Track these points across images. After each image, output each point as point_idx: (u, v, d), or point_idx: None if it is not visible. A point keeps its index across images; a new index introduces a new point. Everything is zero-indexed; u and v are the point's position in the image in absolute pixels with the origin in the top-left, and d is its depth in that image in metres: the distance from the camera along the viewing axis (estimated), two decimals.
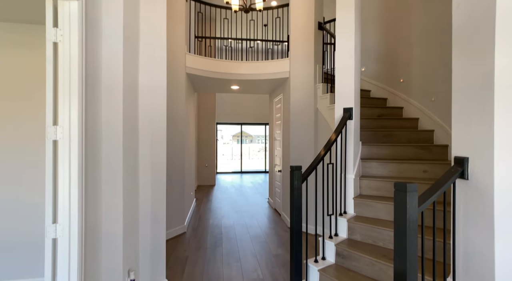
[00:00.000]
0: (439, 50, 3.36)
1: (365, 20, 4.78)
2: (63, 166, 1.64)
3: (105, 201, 1.99)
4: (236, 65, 4.75)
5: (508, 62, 1.38)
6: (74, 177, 1.66)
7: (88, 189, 1.83)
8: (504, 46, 1.38)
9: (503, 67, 1.38)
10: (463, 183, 1.52)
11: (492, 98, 1.38)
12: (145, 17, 2.45)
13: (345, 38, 2.78)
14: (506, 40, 1.39)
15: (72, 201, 1.67)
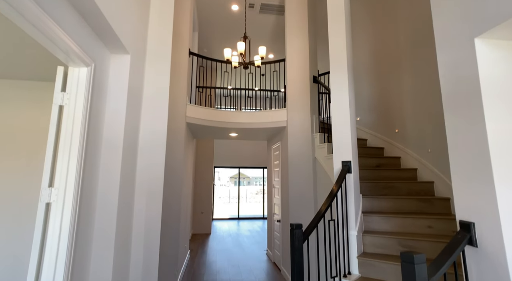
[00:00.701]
0: (431, 103, 3.49)
1: (359, 72, 5.05)
2: (53, 230, 1.57)
3: (94, 258, 1.87)
4: (235, 114, 4.88)
5: (499, 128, 1.43)
6: (63, 244, 1.58)
7: (77, 253, 1.73)
8: (493, 113, 1.44)
9: (494, 132, 1.42)
10: (473, 251, 1.46)
11: (489, 163, 1.39)
12: (149, 76, 2.57)
13: (340, 96, 2.90)
14: (494, 107, 1.45)
15: (58, 268, 1.57)
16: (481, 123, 1.44)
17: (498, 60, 1.51)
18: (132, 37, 2.16)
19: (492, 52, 1.50)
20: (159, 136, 2.54)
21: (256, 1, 5.79)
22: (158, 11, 2.66)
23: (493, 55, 1.50)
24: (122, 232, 2.09)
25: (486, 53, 1.50)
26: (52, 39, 1.40)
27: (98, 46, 1.87)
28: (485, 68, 1.49)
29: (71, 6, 1.52)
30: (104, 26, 1.73)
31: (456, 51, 1.63)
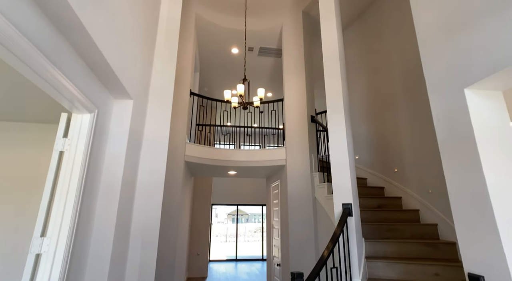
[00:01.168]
0: (428, 143, 3.53)
1: (355, 111, 5.18)
2: None
3: None
4: (234, 152, 4.89)
5: (498, 177, 1.43)
6: None
7: None
8: (491, 162, 1.45)
9: (494, 181, 1.42)
10: None
11: (492, 214, 1.37)
12: (150, 119, 2.62)
13: (338, 137, 2.94)
14: (491, 156, 1.46)
15: None
16: (479, 172, 1.45)
17: (489, 109, 1.56)
18: (136, 84, 2.24)
19: (483, 102, 1.56)
20: (157, 178, 2.52)
21: (255, 44, 6.12)
22: (162, 57, 2.79)
23: (484, 105, 1.55)
24: (114, 277, 1.98)
25: (477, 102, 1.55)
26: (57, 87, 1.45)
27: (102, 92, 1.93)
28: (477, 117, 1.53)
29: (78, 56, 1.60)
30: (110, 75, 1.80)
31: (447, 100, 1.68)
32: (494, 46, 1.38)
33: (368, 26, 5.07)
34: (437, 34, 1.79)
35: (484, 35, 1.45)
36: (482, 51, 1.45)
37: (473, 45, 1.50)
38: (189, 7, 4.96)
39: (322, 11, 3.47)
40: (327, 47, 3.30)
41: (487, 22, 1.44)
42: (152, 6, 2.64)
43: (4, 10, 1.04)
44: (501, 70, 1.35)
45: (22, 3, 1.14)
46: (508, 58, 1.31)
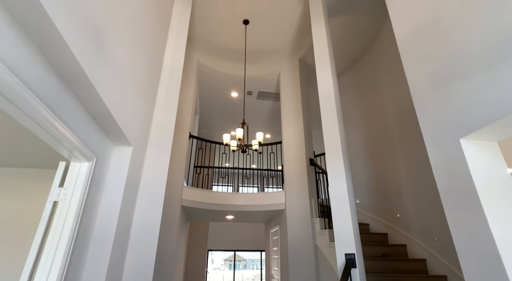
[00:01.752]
0: (430, 187, 3.48)
1: (354, 155, 5.20)
2: None
3: None
4: (232, 196, 4.80)
5: (504, 230, 1.39)
6: None
7: None
8: (495, 213, 1.42)
9: (500, 234, 1.37)
10: None
11: (504, 270, 1.31)
12: (148, 165, 2.60)
13: (337, 183, 2.92)
14: (495, 207, 1.43)
15: None
16: (484, 225, 1.41)
17: (488, 160, 1.57)
18: (136, 131, 2.28)
19: (480, 152, 1.57)
20: (152, 227, 2.43)
21: (254, 89, 6.36)
22: (164, 104, 2.87)
23: (482, 155, 1.56)
24: None
25: (474, 152, 1.57)
26: (57, 137, 1.45)
27: (103, 140, 1.95)
28: (477, 168, 1.53)
29: (83, 108, 1.64)
30: (112, 124, 1.83)
31: (444, 149, 1.70)
32: (485, 100, 1.44)
33: (363, 72, 5.33)
34: (429, 86, 1.87)
35: (475, 89, 1.51)
36: (474, 104, 1.50)
37: (465, 98, 1.57)
38: (192, 55, 5.24)
39: (317, 60, 3.66)
40: (323, 94, 3.42)
41: (476, 77, 1.52)
42: (156, 57, 2.79)
43: (16, 67, 1.09)
44: (493, 122, 1.38)
45: (35, 61, 1.20)
46: (499, 111, 1.36)
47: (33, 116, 1.22)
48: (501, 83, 1.37)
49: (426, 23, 1.96)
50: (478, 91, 1.49)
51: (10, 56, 1.07)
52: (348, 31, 4.83)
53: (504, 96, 1.34)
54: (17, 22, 1.08)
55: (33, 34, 1.14)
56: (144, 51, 2.38)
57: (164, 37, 3.07)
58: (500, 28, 1.41)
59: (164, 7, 2.99)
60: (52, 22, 1.09)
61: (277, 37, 5.13)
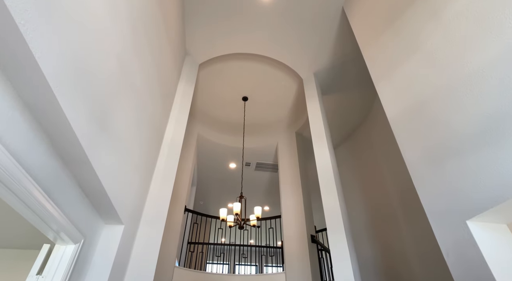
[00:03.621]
0: (443, 269, 3.21)
1: (357, 233, 4.94)
2: None
3: None
4: (227, 278, 4.37)
5: None
6: None
7: None
8: None
9: None
10: None
11: None
12: (139, 244, 2.43)
13: (342, 263, 2.70)
14: None
15: None
16: None
17: (499, 242, 1.48)
18: (130, 208, 2.19)
19: (491, 235, 1.49)
20: None
21: (252, 160, 6.43)
22: (160, 179, 2.83)
23: (494, 238, 1.48)
24: None
25: (484, 235, 1.49)
26: (46, 219, 1.38)
27: (93, 217, 1.86)
28: (489, 251, 1.43)
29: (77, 186, 1.60)
30: (105, 201, 1.78)
31: (452, 232, 1.62)
32: (487, 181, 1.43)
33: (359, 144, 5.48)
34: (426, 164, 1.88)
35: (472, 169, 1.52)
36: (474, 185, 1.49)
37: (464, 179, 1.56)
38: (192, 127, 5.45)
39: (313, 134, 3.79)
40: (321, 167, 3.43)
41: (471, 156, 1.54)
42: (157, 132, 2.88)
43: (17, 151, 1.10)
44: (498, 205, 1.35)
45: (39, 144, 1.22)
46: (502, 194, 1.33)
47: (27, 200, 1.18)
48: (496, 164, 1.39)
49: (414, 104, 2.09)
50: (475, 172, 1.49)
51: (13, 139, 1.08)
52: (342, 106, 5.15)
53: (504, 178, 1.34)
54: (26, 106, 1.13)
55: (40, 117, 1.18)
56: (146, 128, 2.46)
57: (166, 113, 3.23)
58: (488, 110, 1.49)
59: (169, 85, 3.23)
60: (60, 107, 1.15)
61: (274, 111, 5.43)
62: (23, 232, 2.28)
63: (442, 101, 1.80)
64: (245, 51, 4.34)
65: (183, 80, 3.83)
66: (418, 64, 2.10)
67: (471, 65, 1.65)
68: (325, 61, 4.33)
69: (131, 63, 2.01)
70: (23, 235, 2.31)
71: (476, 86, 1.58)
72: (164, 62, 2.95)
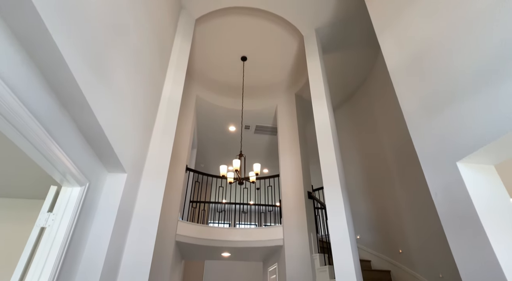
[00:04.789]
0: (431, 221, 3.39)
1: (352, 190, 5.12)
2: None
3: None
4: (228, 231, 4.62)
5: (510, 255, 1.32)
6: None
7: None
8: (499, 237, 1.37)
9: (507, 260, 1.31)
10: None
11: None
12: (142, 194, 2.54)
13: (336, 213, 2.84)
14: (498, 230, 1.39)
15: None
16: (489, 252, 1.35)
17: (487, 183, 1.55)
18: (132, 158, 2.26)
19: (479, 176, 1.56)
20: (143, 261, 2.29)
21: (252, 123, 6.46)
22: (161, 134, 2.88)
23: (481, 179, 1.55)
24: None
25: (472, 176, 1.56)
26: (51, 160, 1.44)
27: (96, 165, 1.92)
28: (476, 192, 1.51)
29: (78, 130, 1.64)
30: (107, 149, 1.83)
31: (442, 174, 1.69)
32: (478, 123, 1.47)
33: (358, 106, 5.48)
34: (423, 113, 1.91)
35: (467, 111, 1.55)
36: (467, 126, 1.53)
37: (458, 121, 1.60)
38: (191, 89, 5.40)
39: (313, 91, 3.78)
40: (319, 124, 3.47)
41: (468, 100, 1.56)
42: (155, 88, 2.87)
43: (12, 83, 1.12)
44: (488, 144, 1.39)
45: (33, 80, 1.23)
46: (492, 133, 1.37)
47: (27, 134, 1.22)
48: (492, 105, 1.41)
49: (414, 52, 2.07)
50: (471, 113, 1.52)
51: (8, 71, 1.09)
52: (342, 66, 5.06)
53: (496, 118, 1.37)
54: (19, 40, 1.12)
55: (34, 53, 1.18)
56: (143, 81, 2.45)
57: (163, 70, 3.19)
58: (487, 53, 1.48)
59: (164, 40, 3.15)
60: (54, 42, 1.14)
61: (274, 72, 5.35)
62: (32, 182, 2.37)
63: (443, 46, 1.78)
64: (243, 4, 4.15)
65: (179, 36, 3.72)
66: (420, 11, 2.04)
67: (473, 8, 1.61)
68: (328, 16, 4.17)
69: (126, 12, 1.95)
70: (32, 185, 2.41)
71: (477, 29, 1.55)
72: (159, 14, 2.85)
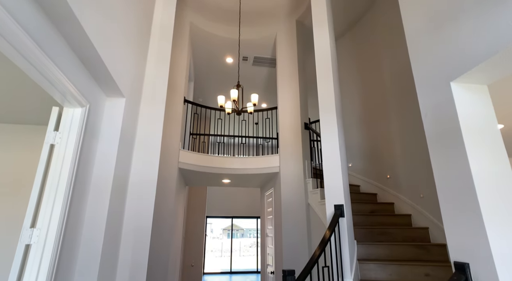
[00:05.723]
0: (420, 148, 3.59)
1: (347, 118, 5.26)
2: (30, 275, 1.46)
3: None
4: (228, 160, 4.90)
5: (483, 167, 1.47)
6: None
7: None
8: (475, 152, 1.49)
9: (478, 171, 1.46)
10: None
11: (477, 202, 1.40)
12: (143, 119, 2.64)
13: (330, 139, 2.99)
14: (476, 146, 1.51)
15: None
16: (464, 162, 1.49)
17: (474, 102, 1.61)
18: (129, 82, 2.28)
19: (468, 95, 1.61)
20: (149, 180, 2.52)
21: (250, 54, 6.24)
22: (155, 59, 2.85)
23: (469, 97, 1.61)
24: (105, 271, 1.95)
25: (462, 95, 1.61)
26: (51, 80, 1.48)
27: (94, 89, 1.96)
28: (463, 110, 1.58)
29: (71, 50, 1.63)
30: (103, 71, 1.84)
31: (435, 93, 1.74)
32: (475, 41, 1.46)
33: (360, 36, 5.24)
34: (424, 30, 1.87)
35: (467, 30, 1.53)
36: (465, 46, 1.52)
37: (457, 40, 1.59)
38: (184, 16, 5.08)
39: (314, 17, 3.59)
40: (319, 50, 3.38)
41: (469, 18, 1.52)
42: (145, 11, 2.72)
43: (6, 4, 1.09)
44: (481, 62, 1.41)
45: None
46: (487, 51, 1.38)
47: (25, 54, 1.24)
48: (490, 23, 1.39)
49: None
50: (469, 31, 1.50)
51: None
52: None
53: (493, 36, 1.36)
54: None
55: None
56: (133, 6, 2.32)
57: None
58: None
59: None
60: None
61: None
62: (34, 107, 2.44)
63: None
64: None
65: None
66: None
67: None
68: None
69: None
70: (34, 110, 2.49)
71: None
72: None
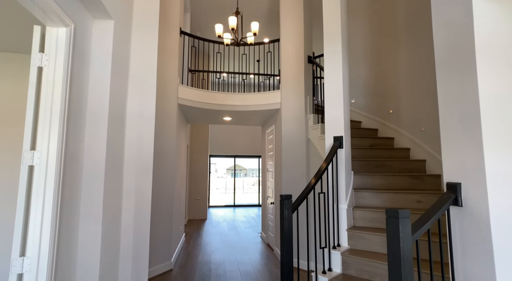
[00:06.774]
0: (426, 82, 3.46)
1: (353, 54, 4.99)
2: (37, 194, 1.54)
3: (82, 231, 1.85)
4: (229, 96, 4.82)
5: (491, 86, 1.40)
6: (48, 205, 1.55)
7: (63, 218, 1.70)
8: (486, 72, 1.40)
9: (486, 94, 1.39)
10: (457, 210, 1.45)
11: (479, 123, 1.37)
12: (136, 46, 2.50)
13: (333, 68, 2.86)
14: (488, 65, 1.41)
15: (44, 232, 1.54)
16: (473, 84, 1.41)
17: (497, 15, 1.45)
18: (116, 2, 2.09)
19: (490, 7, 1.45)
20: (147, 109, 2.49)
21: None
22: None
23: (491, 10, 1.44)
24: (110, 199, 2.06)
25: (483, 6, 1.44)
26: None
27: (79, 8, 1.80)
28: (481, 23, 1.43)
29: None
30: None
31: (451, 5, 1.57)
32: None
33: None
34: None
35: None
36: None
37: None
38: None
39: None
40: None
41: None
42: None
43: None
44: None
45: None
46: None
47: None
48: None
49: None
50: None
51: None
52: None
53: None
54: None
55: None
56: None
57: None
58: None
59: None
60: None
61: None
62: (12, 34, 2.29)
63: None
64: None
65: None
66: None
67: None
68: None
69: None
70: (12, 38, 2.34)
71: None
72: None
